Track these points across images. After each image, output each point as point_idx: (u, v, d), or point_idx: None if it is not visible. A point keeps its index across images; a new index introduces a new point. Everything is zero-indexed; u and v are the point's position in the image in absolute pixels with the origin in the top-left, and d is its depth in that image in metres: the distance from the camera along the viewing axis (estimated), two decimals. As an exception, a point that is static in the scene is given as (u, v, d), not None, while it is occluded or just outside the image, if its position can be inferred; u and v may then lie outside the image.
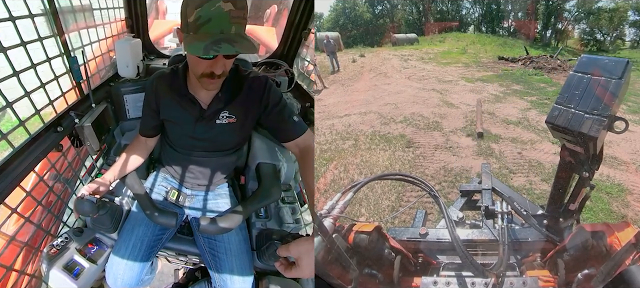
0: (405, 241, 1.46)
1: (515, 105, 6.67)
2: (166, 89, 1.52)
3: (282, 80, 2.24)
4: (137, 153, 1.60)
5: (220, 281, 1.49)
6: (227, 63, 1.34)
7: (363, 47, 13.61)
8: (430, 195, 1.39)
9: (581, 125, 1.05)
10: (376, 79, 9.16)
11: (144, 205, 1.49)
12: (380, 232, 1.36)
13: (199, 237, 1.55)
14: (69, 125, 1.64)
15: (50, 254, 1.42)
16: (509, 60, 11.22)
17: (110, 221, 1.51)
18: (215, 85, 1.40)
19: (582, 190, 1.32)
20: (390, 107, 6.71)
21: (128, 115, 2.03)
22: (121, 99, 2.01)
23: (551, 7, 14.73)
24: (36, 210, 1.43)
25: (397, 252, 1.37)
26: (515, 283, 1.23)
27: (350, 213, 3.23)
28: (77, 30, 1.86)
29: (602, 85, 1.06)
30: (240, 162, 1.69)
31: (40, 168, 1.46)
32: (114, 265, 1.48)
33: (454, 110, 6.46)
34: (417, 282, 1.31)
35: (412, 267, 1.43)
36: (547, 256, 1.40)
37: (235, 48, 1.21)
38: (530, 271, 1.38)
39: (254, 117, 1.52)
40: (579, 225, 1.36)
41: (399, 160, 4.61)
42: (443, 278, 1.29)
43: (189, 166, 1.61)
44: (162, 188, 1.65)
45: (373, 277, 1.33)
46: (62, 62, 1.73)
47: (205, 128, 1.51)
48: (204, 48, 1.20)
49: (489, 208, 1.49)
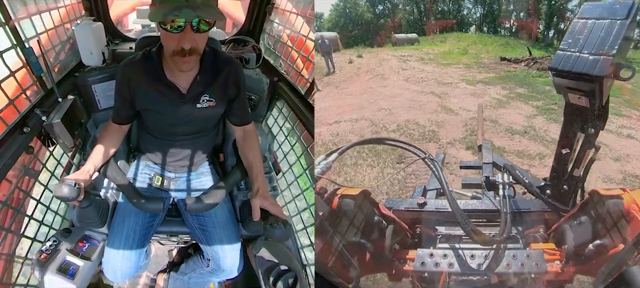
0: (403, 211, 1.39)
1: (520, 111, 5.81)
2: (140, 77, 1.38)
3: (250, 56, 2.16)
4: (112, 140, 1.47)
5: (212, 252, 1.50)
6: (198, 38, 1.24)
7: (363, 47, 12.73)
8: (425, 163, 1.29)
9: (586, 65, 0.96)
10: (372, 81, 8.30)
11: (129, 195, 1.42)
12: (368, 197, 1.27)
13: (188, 216, 1.53)
14: (37, 124, 1.47)
15: (41, 260, 1.31)
16: (511, 61, 10.19)
17: (97, 215, 1.42)
18: (189, 65, 1.30)
19: (587, 153, 1.20)
20: (384, 113, 5.91)
21: (99, 106, 1.84)
22: (89, 90, 1.80)
23: (553, 7, 13.87)
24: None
25: (389, 221, 1.28)
26: (519, 256, 1.15)
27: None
28: (28, 16, 1.64)
29: (606, 27, 0.97)
30: (218, 139, 1.66)
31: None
32: (110, 259, 1.42)
33: (453, 116, 5.61)
34: (412, 255, 1.24)
35: (407, 238, 1.36)
36: (553, 227, 1.30)
37: (196, 13, 1.14)
38: (534, 244, 1.26)
39: (229, 99, 1.46)
40: (592, 189, 1.21)
41: (387, 179, 3.83)
42: (440, 251, 1.22)
43: (171, 150, 1.54)
44: (146, 175, 1.57)
45: (361, 247, 1.25)
46: (17, 55, 1.54)
47: (186, 113, 1.42)
48: (164, 13, 1.14)
49: (490, 179, 1.42)
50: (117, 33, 2.23)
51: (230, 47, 2.22)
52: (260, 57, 2.21)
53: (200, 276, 1.65)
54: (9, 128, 1.36)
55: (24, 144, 1.39)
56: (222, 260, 1.49)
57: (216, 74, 1.40)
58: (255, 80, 1.97)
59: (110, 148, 1.46)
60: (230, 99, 1.46)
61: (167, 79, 1.37)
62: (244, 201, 1.63)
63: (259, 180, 1.43)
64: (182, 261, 1.82)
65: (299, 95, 1.94)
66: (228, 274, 1.53)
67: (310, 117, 1.75)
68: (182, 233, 1.65)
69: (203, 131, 1.54)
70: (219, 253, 1.49)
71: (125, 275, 1.45)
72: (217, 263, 1.50)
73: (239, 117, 1.51)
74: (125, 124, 1.50)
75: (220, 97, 1.43)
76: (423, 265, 1.21)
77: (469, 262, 1.19)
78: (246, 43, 2.25)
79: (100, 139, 1.47)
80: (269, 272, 1.39)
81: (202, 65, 1.37)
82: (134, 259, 1.44)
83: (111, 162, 1.46)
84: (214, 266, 1.53)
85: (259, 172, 1.46)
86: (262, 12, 2.24)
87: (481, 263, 1.18)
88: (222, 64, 1.41)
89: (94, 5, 2.08)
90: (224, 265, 1.49)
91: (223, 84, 1.42)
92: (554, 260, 1.19)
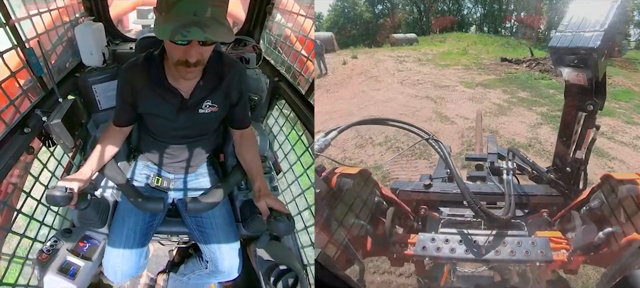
0: (409, 192, 1.35)
1: (523, 119, 5.30)
2: (143, 81, 1.34)
3: (250, 56, 2.13)
4: (113, 142, 1.44)
5: (210, 253, 1.49)
6: (204, 50, 1.18)
7: (361, 47, 12.28)
8: (430, 144, 1.22)
9: (581, 40, 1.03)
10: (365, 84, 7.87)
11: (129, 195, 1.40)
12: (368, 177, 1.21)
13: (187, 216, 1.52)
14: (37, 125, 1.44)
15: (42, 260, 1.30)
16: (512, 61, 9.70)
17: (97, 216, 1.41)
18: (193, 74, 1.26)
19: (588, 132, 1.23)
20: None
21: (100, 107, 1.82)
22: (90, 90, 1.78)
23: (555, 6, 13.35)
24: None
25: (390, 202, 1.22)
26: (523, 243, 1.09)
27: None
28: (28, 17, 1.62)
29: (599, 9, 1.05)
30: (219, 140, 1.63)
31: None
32: (111, 259, 1.40)
33: (449, 126, 5.03)
34: (413, 239, 1.19)
35: (410, 220, 1.29)
36: (560, 213, 1.25)
37: (205, 33, 1.06)
38: (539, 232, 1.20)
39: (231, 103, 1.43)
40: (605, 174, 1.17)
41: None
42: (442, 235, 1.17)
43: (171, 152, 1.52)
44: (145, 175, 1.55)
45: (361, 229, 1.18)
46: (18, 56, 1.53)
47: (188, 118, 1.40)
48: (172, 31, 1.06)
49: (495, 164, 1.41)
50: (117, 33, 2.20)
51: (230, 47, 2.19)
52: (260, 57, 2.18)
53: (199, 277, 1.63)
54: (10, 128, 1.34)
55: (25, 145, 1.37)
56: (220, 262, 1.47)
57: (220, 78, 1.36)
58: (256, 80, 1.96)
59: (111, 150, 1.44)
60: (233, 104, 1.43)
61: (170, 83, 1.33)
62: (244, 201, 1.63)
63: (259, 179, 1.42)
64: (182, 261, 1.81)
65: (299, 95, 1.92)
66: (227, 276, 1.52)
67: (310, 117, 1.74)
68: (182, 233, 1.64)
69: (204, 134, 1.52)
70: (218, 254, 1.48)
71: (126, 275, 1.43)
72: (215, 264, 1.49)
73: (239, 122, 1.49)
74: (127, 126, 1.47)
75: (223, 102, 1.40)
76: (424, 250, 1.15)
77: (472, 248, 1.13)
78: (246, 43, 2.23)
79: (101, 140, 1.44)
80: (270, 273, 1.38)
81: (206, 70, 1.32)
82: (134, 259, 1.43)
83: (111, 162, 1.45)
84: (212, 268, 1.51)
85: (259, 172, 1.45)
86: (262, 12, 2.22)
87: (484, 248, 1.12)
88: (226, 69, 1.37)
89: (94, 5, 2.05)
90: (222, 267, 1.48)
91: (226, 90, 1.39)
92: (560, 249, 1.12)
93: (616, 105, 6.01)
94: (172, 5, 1.08)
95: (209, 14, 1.08)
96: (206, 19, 1.08)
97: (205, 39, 1.11)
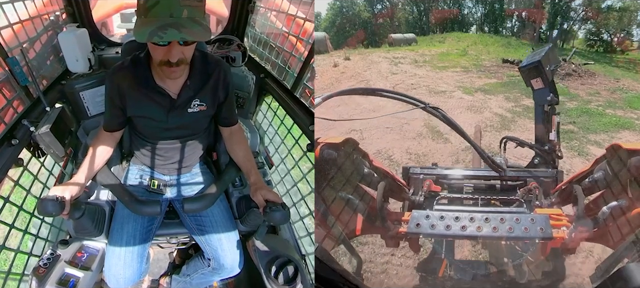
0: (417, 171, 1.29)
1: (530, 135, 3.99)
2: (131, 83, 1.31)
3: (236, 55, 2.12)
4: (104, 148, 1.40)
5: (212, 251, 1.48)
6: (185, 50, 1.18)
7: (359, 47, 11.63)
8: (428, 112, 1.15)
9: (534, 58, 1.57)
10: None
11: (125, 201, 1.36)
12: (356, 146, 1.11)
13: (185, 217, 1.50)
14: (25, 136, 1.38)
15: (39, 274, 1.24)
16: (514, 63, 8.65)
17: (92, 224, 1.36)
18: (177, 74, 1.25)
19: (553, 118, 1.54)
20: (355, 136, 3.43)
21: (89, 113, 1.75)
22: (77, 97, 1.71)
23: (557, 5, 12.63)
24: None
25: (383, 175, 1.13)
26: (522, 220, 1.01)
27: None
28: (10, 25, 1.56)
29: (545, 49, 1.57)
30: (211, 139, 1.62)
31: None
32: (112, 267, 1.37)
33: (441, 145, 4.12)
34: (407, 216, 1.11)
35: (404, 193, 1.21)
36: (560, 184, 1.19)
37: (181, 34, 1.06)
38: (539, 209, 1.15)
39: (219, 101, 1.42)
40: (613, 143, 1.10)
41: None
42: (437, 212, 1.07)
43: (164, 154, 1.50)
44: (140, 179, 1.52)
45: (349, 204, 1.09)
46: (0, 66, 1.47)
47: (177, 118, 1.37)
48: (149, 33, 1.05)
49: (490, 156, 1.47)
50: (102, 38, 2.13)
51: (216, 46, 2.18)
52: (245, 55, 2.17)
53: (203, 276, 1.60)
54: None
55: (13, 157, 1.32)
56: (222, 258, 1.46)
57: (206, 77, 1.36)
58: (242, 78, 1.93)
59: (103, 156, 1.40)
60: (220, 102, 1.42)
61: (157, 84, 1.31)
62: (240, 197, 1.62)
63: (254, 173, 1.40)
64: (183, 262, 1.78)
65: (285, 90, 1.92)
66: (230, 272, 1.50)
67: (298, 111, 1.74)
68: (181, 234, 1.61)
69: (195, 134, 1.50)
70: (219, 251, 1.46)
71: (128, 282, 1.39)
72: (218, 261, 1.47)
73: (226, 119, 1.48)
74: (118, 130, 1.43)
75: (211, 100, 1.39)
76: (418, 227, 1.05)
77: (468, 225, 1.03)
78: (231, 42, 2.21)
79: (92, 147, 1.39)
80: (270, 264, 1.37)
81: (192, 70, 1.32)
82: (136, 265, 1.40)
83: (104, 168, 1.40)
84: (215, 265, 1.49)
85: (252, 166, 1.44)
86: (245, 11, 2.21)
87: (481, 226, 1.02)
88: (212, 68, 1.37)
89: (77, 11, 1.98)
90: (225, 263, 1.46)
91: (213, 88, 1.38)
92: (561, 226, 1.04)
93: (633, 114, 5.15)
94: (150, 8, 1.08)
95: (186, 14, 1.08)
96: (183, 19, 1.08)
97: (181, 39, 1.11)
